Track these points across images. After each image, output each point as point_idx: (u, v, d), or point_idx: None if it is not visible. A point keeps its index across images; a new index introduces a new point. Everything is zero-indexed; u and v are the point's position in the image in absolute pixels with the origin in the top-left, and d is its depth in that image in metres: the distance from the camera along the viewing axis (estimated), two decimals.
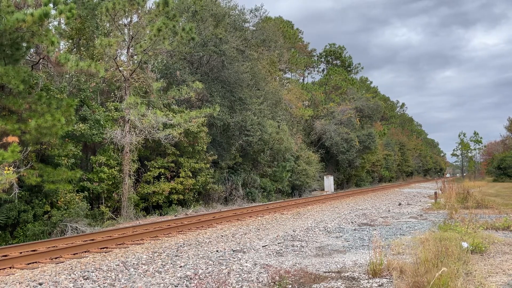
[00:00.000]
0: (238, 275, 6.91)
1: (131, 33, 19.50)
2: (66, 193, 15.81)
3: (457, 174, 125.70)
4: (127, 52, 19.29)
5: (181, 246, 9.90)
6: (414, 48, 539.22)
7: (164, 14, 16.85)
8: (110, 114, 18.74)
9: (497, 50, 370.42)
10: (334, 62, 59.26)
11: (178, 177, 20.92)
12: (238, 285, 6.37)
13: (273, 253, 8.85)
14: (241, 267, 7.46)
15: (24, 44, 12.93)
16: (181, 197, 20.95)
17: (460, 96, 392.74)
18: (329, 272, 7.06)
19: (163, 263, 8.02)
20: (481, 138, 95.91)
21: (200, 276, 6.92)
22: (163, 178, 20.42)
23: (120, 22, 19.60)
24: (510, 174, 56.13)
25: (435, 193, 23.08)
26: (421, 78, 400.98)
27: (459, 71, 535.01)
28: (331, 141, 41.01)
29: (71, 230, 14.45)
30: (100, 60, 19.45)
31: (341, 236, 11.07)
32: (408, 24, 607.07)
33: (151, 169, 20.16)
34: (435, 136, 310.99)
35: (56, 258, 8.87)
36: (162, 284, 6.49)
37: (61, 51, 17.68)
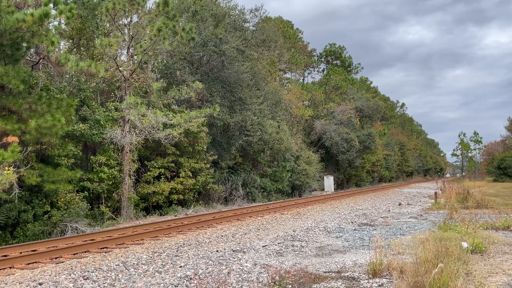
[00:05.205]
0: (238, 275, 6.91)
1: (131, 33, 19.50)
2: (66, 193, 15.81)
3: (457, 174, 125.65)
4: (127, 52, 19.29)
5: (181, 246, 9.90)
6: (426, 46, 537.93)
7: (164, 14, 16.84)
8: (110, 114, 18.73)
9: (509, 48, 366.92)
10: (334, 62, 59.26)
11: (178, 177, 20.91)
12: (238, 285, 6.37)
13: (273, 253, 8.85)
14: (241, 267, 7.46)
15: (24, 44, 12.92)
16: (181, 197, 20.95)
17: (468, 95, 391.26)
18: (329, 272, 7.06)
19: (163, 263, 8.02)
20: (481, 138, 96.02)
21: (200, 276, 6.92)
22: (163, 178, 20.41)
23: (120, 22, 19.60)
24: (510, 174, 56.07)
25: (435, 193, 23.08)
26: (431, 77, 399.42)
27: (470, 70, 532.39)
28: (331, 141, 41.01)
29: (71, 230, 14.45)
30: (100, 60, 19.45)
31: (341, 236, 11.07)
32: (422, 22, 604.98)
33: (151, 169, 20.15)
34: (439, 135, 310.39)
35: (56, 258, 8.87)
36: (162, 284, 6.49)
37: (61, 51, 17.67)
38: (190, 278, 6.77)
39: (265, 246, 9.69)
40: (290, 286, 6.23)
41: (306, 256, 8.56)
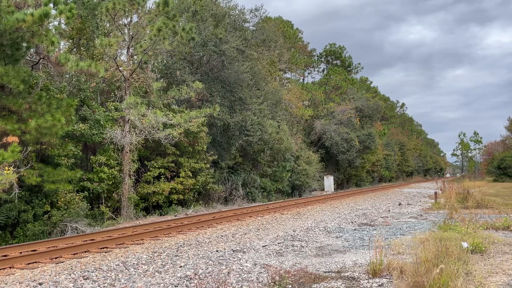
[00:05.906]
0: (238, 275, 6.91)
1: (131, 33, 19.50)
2: (66, 193, 15.81)
3: (457, 174, 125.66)
4: (127, 52, 19.29)
5: (181, 246, 9.90)
6: (427, 46, 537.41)
7: (164, 14, 16.83)
8: (110, 114, 18.73)
9: (511, 48, 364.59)
10: (334, 62, 59.27)
11: (178, 177, 20.91)
12: (238, 285, 6.37)
13: (273, 253, 8.85)
14: (241, 267, 7.46)
15: (24, 44, 12.92)
16: (181, 197, 20.95)
17: (469, 95, 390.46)
18: (329, 272, 7.06)
19: (163, 263, 8.02)
20: (481, 138, 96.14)
21: (200, 276, 6.92)
22: (163, 178, 20.41)
23: (120, 22, 19.60)
24: (510, 174, 56.05)
25: (435, 193, 23.08)
26: (431, 77, 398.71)
27: (471, 69, 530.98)
28: (331, 141, 41.01)
29: (71, 230, 14.45)
30: (100, 60, 19.45)
31: (341, 236, 11.07)
32: (424, 21, 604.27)
33: (151, 169, 20.15)
34: (439, 135, 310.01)
35: (56, 258, 8.87)
36: (162, 284, 6.49)
37: (61, 51, 17.66)
38: (190, 278, 6.77)
39: (265, 246, 9.69)
40: (290, 286, 6.23)
41: (306, 256, 8.56)
